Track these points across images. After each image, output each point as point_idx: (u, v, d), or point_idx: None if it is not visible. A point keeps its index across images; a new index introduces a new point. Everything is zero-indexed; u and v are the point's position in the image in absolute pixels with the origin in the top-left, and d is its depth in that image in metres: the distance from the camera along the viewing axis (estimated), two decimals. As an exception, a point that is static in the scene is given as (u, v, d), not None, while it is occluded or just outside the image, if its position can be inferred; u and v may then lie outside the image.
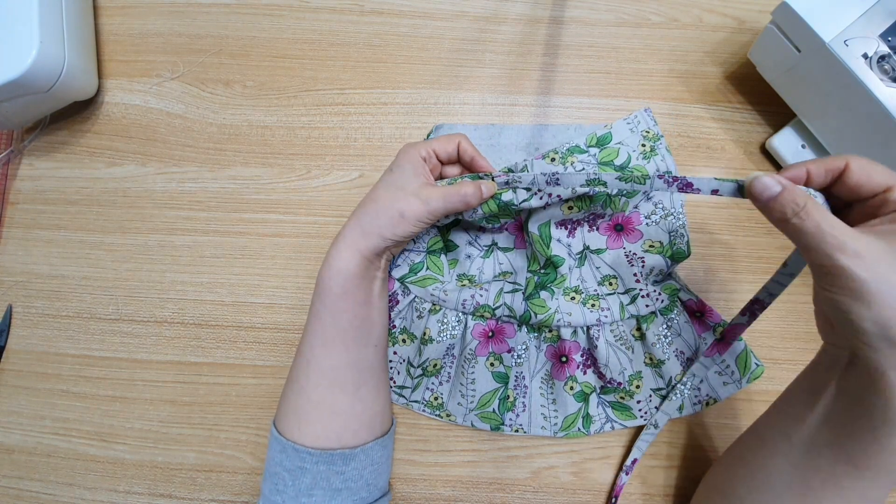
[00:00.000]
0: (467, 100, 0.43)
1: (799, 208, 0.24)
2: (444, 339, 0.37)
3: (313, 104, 0.43)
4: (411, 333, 0.38)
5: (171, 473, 0.38)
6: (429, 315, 0.38)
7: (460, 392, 0.38)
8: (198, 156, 0.42)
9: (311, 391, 0.32)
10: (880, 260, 0.22)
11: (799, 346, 0.39)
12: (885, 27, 0.33)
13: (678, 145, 0.42)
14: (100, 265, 0.41)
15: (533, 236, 0.37)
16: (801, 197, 0.24)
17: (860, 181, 0.25)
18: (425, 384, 0.38)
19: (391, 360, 0.39)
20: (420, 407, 0.38)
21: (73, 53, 0.39)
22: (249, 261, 0.41)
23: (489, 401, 0.37)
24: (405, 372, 0.39)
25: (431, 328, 0.37)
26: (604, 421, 0.38)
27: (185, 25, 0.44)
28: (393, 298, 0.38)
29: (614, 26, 0.44)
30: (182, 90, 0.43)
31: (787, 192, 0.25)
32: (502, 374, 0.38)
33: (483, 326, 0.38)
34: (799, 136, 0.40)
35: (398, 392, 0.38)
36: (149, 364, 0.39)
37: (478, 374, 0.38)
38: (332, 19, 0.44)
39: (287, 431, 0.32)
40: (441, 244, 0.39)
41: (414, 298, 0.38)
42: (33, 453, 0.38)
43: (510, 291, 0.38)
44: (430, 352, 0.37)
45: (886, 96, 0.33)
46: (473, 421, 0.38)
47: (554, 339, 0.38)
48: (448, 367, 0.38)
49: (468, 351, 0.38)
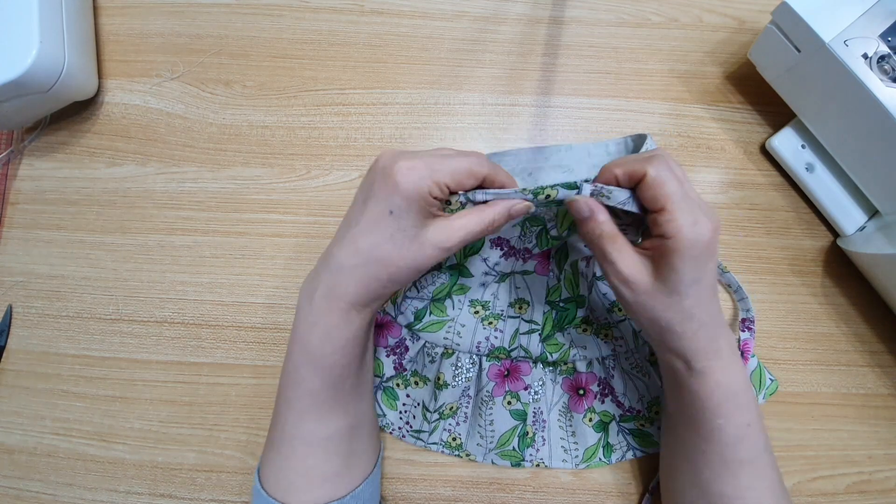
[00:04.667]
0: (467, 100, 0.43)
1: (595, 236, 0.27)
2: (459, 384, 0.37)
3: (313, 104, 0.43)
4: (423, 377, 0.37)
5: (172, 473, 0.38)
6: (441, 359, 0.37)
7: (479, 433, 0.37)
8: (198, 156, 0.42)
9: (298, 463, 0.29)
10: (641, 287, 0.27)
11: (799, 346, 0.39)
12: (885, 27, 0.33)
13: (678, 145, 0.42)
14: (100, 265, 0.41)
15: (566, 273, 0.36)
16: (598, 227, 0.27)
17: (646, 196, 0.26)
18: (443, 426, 0.37)
19: (405, 403, 0.38)
20: (439, 448, 0.37)
21: (73, 53, 0.39)
22: (249, 261, 0.41)
23: (508, 439, 0.37)
24: (421, 416, 0.37)
25: (445, 373, 0.36)
26: (625, 449, 0.37)
27: (186, 25, 0.44)
28: (401, 345, 0.37)
29: (614, 26, 0.44)
30: (182, 90, 0.43)
31: (589, 221, 0.27)
32: (520, 411, 0.37)
33: (498, 367, 0.37)
34: (799, 135, 0.40)
35: (415, 436, 0.37)
36: (149, 364, 0.39)
37: (496, 415, 0.37)
38: (332, 19, 0.44)
39: (272, 491, 0.29)
40: (447, 292, 0.37)
41: (424, 344, 0.37)
42: (33, 453, 0.38)
43: (526, 333, 0.37)
44: (446, 396, 0.37)
45: (886, 96, 0.33)
46: (493, 459, 0.37)
47: (570, 372, 0.38)
48: (465, 408, 0.37)
49: (485, 392, 0.37)
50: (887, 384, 0.39)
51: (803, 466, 0.37)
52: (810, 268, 0.40)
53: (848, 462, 0.38)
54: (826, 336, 0.39)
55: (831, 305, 0.40)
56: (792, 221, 0.41)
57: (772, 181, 0.41)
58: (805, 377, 0.39)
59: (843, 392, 0.39)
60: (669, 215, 0.25)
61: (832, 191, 0.39)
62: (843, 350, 0.39)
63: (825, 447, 0.38)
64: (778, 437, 0.38)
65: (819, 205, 0.40)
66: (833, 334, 0.40)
